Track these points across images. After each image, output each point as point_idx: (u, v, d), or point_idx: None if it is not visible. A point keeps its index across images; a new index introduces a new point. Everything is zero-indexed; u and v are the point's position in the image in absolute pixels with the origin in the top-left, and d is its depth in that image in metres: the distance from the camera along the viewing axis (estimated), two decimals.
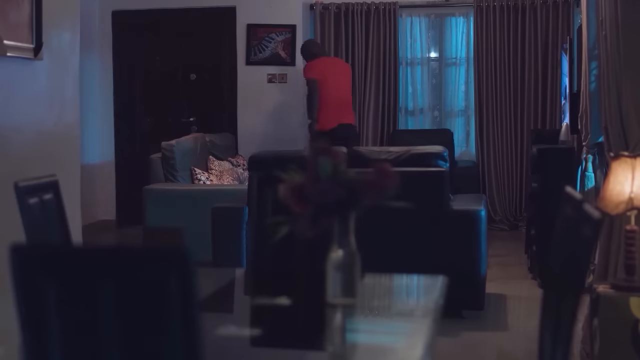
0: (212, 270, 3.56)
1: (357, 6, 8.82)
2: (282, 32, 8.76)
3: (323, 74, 7.82)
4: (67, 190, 3.50)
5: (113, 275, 1.55)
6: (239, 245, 5.06)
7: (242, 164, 7.69)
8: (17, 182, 2.89)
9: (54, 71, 5.08)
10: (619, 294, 3.68)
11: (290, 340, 2.24)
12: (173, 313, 1.53)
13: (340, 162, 2.22)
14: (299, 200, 2.17)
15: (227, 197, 5.66)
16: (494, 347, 4.59)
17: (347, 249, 2.26)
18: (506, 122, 8.64)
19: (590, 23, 4.90)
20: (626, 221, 3.79)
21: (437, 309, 2.38)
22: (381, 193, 2.21)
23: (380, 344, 2.18)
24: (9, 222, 3.48)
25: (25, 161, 4.66)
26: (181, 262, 1.52)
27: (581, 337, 4.08)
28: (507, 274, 6.34)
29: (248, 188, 4.75)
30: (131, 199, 8.08)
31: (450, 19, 9.03)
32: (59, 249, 1.81)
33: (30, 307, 1.59)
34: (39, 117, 4.92)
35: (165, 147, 6.83)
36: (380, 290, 2.84)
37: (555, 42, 8.44)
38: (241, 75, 8.80)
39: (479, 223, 5.01)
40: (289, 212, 2.18)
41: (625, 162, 3.71)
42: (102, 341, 1.56)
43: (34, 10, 4.77)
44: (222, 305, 2.71)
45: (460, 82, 9.01)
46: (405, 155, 5.15)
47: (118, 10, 8.96)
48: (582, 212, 2.04)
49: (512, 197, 8.66)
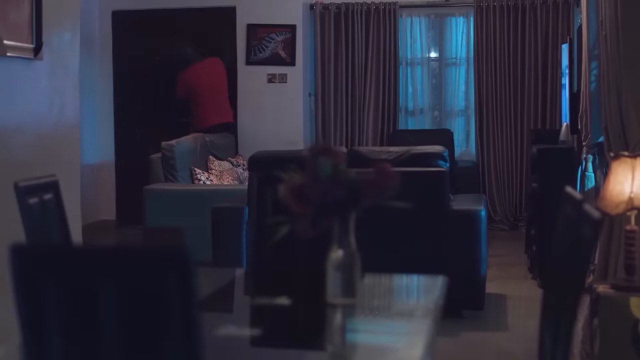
0: (212, 270, 3.56)
1: (357, 6, 8.82)
2: (282, 32, 8.76)
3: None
4: (67, 190, 3.50)
5: (113, 275, 1.55)
6: (239, 245, 5.06)
7: (242, 164, 7.69)
8: (17, 182, 2.89)
9: (54, 71, 5.08)
10: (619, 294, 3.68)
11: (290, 340, 2.24)
12: (173, 313, 1.53)
13: (340, 162, 2.22)
14: (299, 200, 2.17)
15: (227, 197, 5.66)
16: (494, 347, 4.59)
17: (347, 249, 2.26)
18: (506, 122, 8.64)
19: (590, 23, 4.90)
20: (626, 221, 3.79)
21: (437, 309, 2.38)
22: (381, 193, 2.21)
23: (380, 344, 2.18)
24: (9, 222, 3.48)
25: (25, 161, 4.66)
26: (181, 262, 1.52)
27: (581, 337, 4.08)
28: (507, 274, 6.35)
29: (248, 188, 4.75)
30: (131, 199, 8.07)
31: (450, 19, 9.03)
32: (59, 249, 1.81)
33: (30, 307, 1.59)
34: (39, 117, 4.92)
35: (165, 147, 6.83)
36: (380, 290, 2.84)
37: (555, 42, 8.44)
38: (241, 75, 8.80)
39: (479, 223, 5.01)
40: (289, 212, 2.18)
41: (625, 162, 3.71)
42: (102, 341, 1.56)
43: (34, 10, 4.77)
44: (222, 305, 2.71)
45: (460, 82, 9.01)
46: (405, 155, 5.15)
47: (118, 10, 8.96)
48: (582, 212, 2.04)
49: (512, 197, 8.66)
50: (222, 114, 8.31)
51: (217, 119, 8.21)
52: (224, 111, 8.38)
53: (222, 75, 8.46)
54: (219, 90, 8.34)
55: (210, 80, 8.29)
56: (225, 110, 8.40)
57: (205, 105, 8.24)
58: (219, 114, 8.28)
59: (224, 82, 8.47)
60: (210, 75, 8.31)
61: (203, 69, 8.32)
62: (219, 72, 8.43)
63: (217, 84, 8.34)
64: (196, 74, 8.28)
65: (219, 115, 8.26)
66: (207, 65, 8.37)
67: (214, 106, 8.26)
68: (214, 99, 8.27)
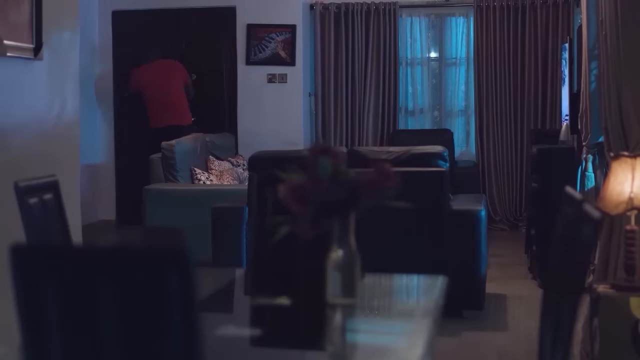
0: (212, 270, 3.56)
1: (357, 6, 8.83)
2: (282, 32, 8.76)
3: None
4: (67, 190, 3.50)
5: (113, 275, 1.55)
6: (239, 245, 5.06)
7: (242, 164, 7.70)
8: (17, 182, 2.89)
9: (54, 71, 5.08)
10: (619, 294, 3.68)
11: (290, 340, 2.24)
12: (173, 313, 1.53)
13: (340, 162, 2.22)
14: (299, 200, 2.17)
15: (227, 197, 5.66)
16: (494, 347, 4.59)
17: (347, 249, 2.26)
18: (506, 122, 8.65)
19: (590, 23, 4.90)
20: (626, 221, 3.79)
21: (437, 309, 2.38)
22: (381, 193, 2.21)
23: (380, 344, 2.18)
24: (9, 222, 3.48)
25: (25, 161, 4.66)
26: (181, 262, 1.52)
27: (581, 337, 4.08)
28: (507, 274, 6.34)
29: (248, 188, 4.75)
30: (131, 199, 8.07)
31: (450, 19, 9.03)
32: (59, 249, 1.81)
33: (30, 307, 1.59)
34: (39, 117, 4.92)
35: (165, 147, 6.83)
36: (380, 290, 2.84)
37: (555, 42, 8.44)
38: (241, 75, 8.80)
39: (479, 223, 5.01)
40: (289, 212, 2.18)
41: (625, 162, 3.71)
42: (102, 341, 1.56)
43: (34, 10, 4.77)
44: (222, 305, 2.71)
45: (460, 82, 9.01)
46: (405, 155, 5.15)
47: (118, 10, 8.96)
48: (582, 212, 2.04)
49: (512, 197, 8.66)
50: (169, 117, 8.23)
51: (162, 122, 8.17)
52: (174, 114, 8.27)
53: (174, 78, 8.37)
54: (166, 93, 8.26)
55: (157, 82, 8.25)
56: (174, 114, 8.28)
57: (149, 106, 8.28)
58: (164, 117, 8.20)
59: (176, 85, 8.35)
60: (157, 77, 8.27)
61: (150, 70, 8.31)
62: (171, 75, 8.36)
63: (164, 86, 8.26)
64: (142, 74, 8.30)
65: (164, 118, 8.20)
66: (157, 67, 8.36)
67: (159, 108, 8.23)
68: (159, 101, 8.23)
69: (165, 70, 8.36)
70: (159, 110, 8.24)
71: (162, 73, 8.33)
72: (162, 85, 8.27)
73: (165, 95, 8.26)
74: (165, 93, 8.26)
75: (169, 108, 8.25)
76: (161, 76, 8.30)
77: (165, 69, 8.37)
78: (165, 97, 8.26)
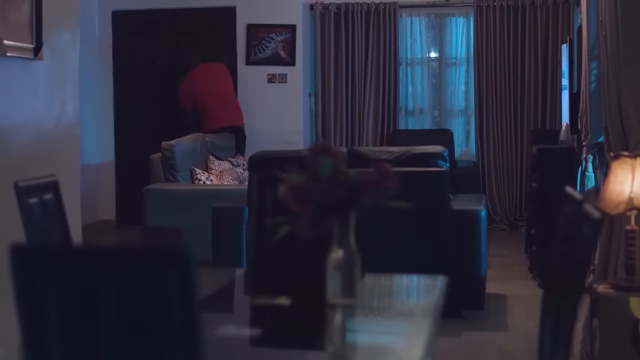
0: (212, 270, 3.56)
1: (357, 6, 8.83)
2: (282, 32, 8.75)
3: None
4: (67, 190, 3.50)
5: (113, 275, 1.55)
6: (239, 245, 5.06)
7: (242, 164, 7.69)
8: (17, 182, 2.89)
9: (54, 71, 5.07)
10: (619, 294, 3.68)
11: (290, 340, 2.24)
12: (173, 313, 1.53)
13: (340, 162, 2.22)
14: (299, 201, 2.17)
15: (227, 197, 5.66)
16: (494, 347, 4.59)
17: (347, 249, 2.26)
18: (506, 122, 8.65)
19: (590, 23, 4.90)
20: (626, 221, 3.79)
21: (437, 309, 2.38)
22: (381, 193, 2.21)
23: (380, 344, 2.18)
24: (9, 222, 3.48)
25: (25, 161, 4.66)
26: (181, 262, 1.52)
27: (581, 337, 4.08)
28: (507, 274, 6.35)
29: (248, 188, 4.75)
30: (131, 199, 8.07)
31: (450, 19, 9.03)
32: (59, 249, 1.81)
33: (30, 307, 1.59)
34: (39, 117, 4.92)
35: (165, 147, 6.82)
36: (380, 290, 2.84)
37: (555, 42, 8.44)
38: (241, 75, 8.80)
39: (479, 223, 5.01)
40: (289, 212, 2.18)
41: (625, 162, 3.71)
42: (102, 341, 1.56)
43: (34, 10, 4.77)
44: (222, 305, 2.71)
45: (460, 82, 9.01)
46: (405, 155, 5.15)
47: (118, 10, 8.95)
48: (582, 212, 2.04)
49: (512, 197, 8.66)
50: (227, 118, 8.23)
51: (222, 123, 8.15)
52: (231, 115, 8.29)
53: (224, 79, 8.40)
54: (221, 94, 8.29)
55: (210, 85, 8.24)
56: (232, 114, 8.31)
57: (207, 111, 8.21)
58: (224, 117, 8.20)
59: (227, 86, 8.41)
60: (209, 80, 8.27)
61: (201, 75, 8.28)
62: (221, 77, 8.38)
63: (218, 89, 8.28)
64: (195, 81, 8.26)
65: (223, 119, 8.18)
66: (206, 70, 8.34)
67: (218, 110, 8.20)
68: (216, 104, 8.22)
69: (215, 73, 8.34)
70: (215, 113, 8.18)
71: (212, 76, 8.29)
72: (216, 88, 8.24)
73: (220, 98, 8.24)
74: (220, 95, 8.24)
75: (226, 109, 8.25)
76: (212, 79, 8.27)
77: (214, 72, 8.35)
78: (221, 99, 8.24)
